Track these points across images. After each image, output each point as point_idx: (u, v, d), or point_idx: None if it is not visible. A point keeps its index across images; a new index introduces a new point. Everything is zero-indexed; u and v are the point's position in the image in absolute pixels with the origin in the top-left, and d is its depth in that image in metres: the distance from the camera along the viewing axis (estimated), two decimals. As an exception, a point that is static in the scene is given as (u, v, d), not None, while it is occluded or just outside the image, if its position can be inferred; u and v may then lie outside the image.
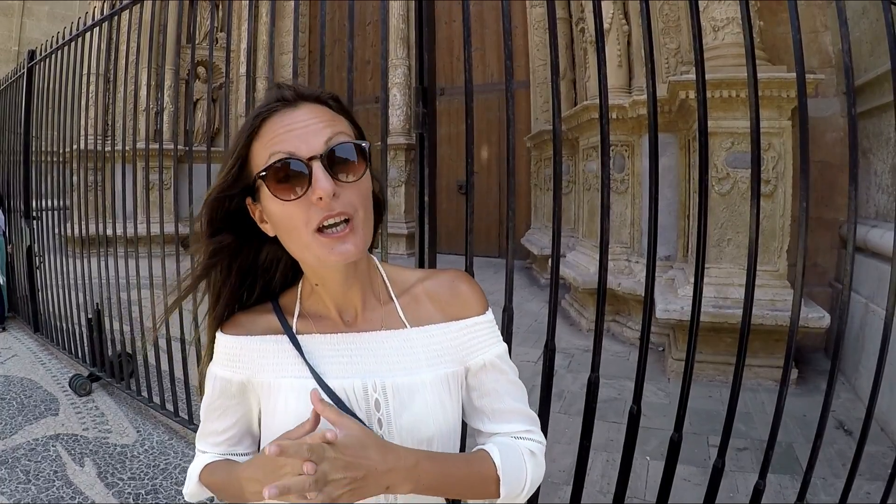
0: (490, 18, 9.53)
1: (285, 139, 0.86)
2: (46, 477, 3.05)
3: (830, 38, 5.16)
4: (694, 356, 1.83)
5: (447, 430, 0.97)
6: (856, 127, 1.73)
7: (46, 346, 5.32)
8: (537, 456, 1.03)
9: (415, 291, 1.03)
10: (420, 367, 0.97)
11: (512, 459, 0.97)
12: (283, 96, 0.90)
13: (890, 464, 1.99)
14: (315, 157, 0.85)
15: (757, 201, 1.71)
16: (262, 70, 11.08)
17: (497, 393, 1.02)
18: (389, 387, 0.94)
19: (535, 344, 5.09)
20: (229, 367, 0.99)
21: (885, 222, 4.22)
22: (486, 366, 1.01)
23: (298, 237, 0.88)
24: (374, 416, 0.94)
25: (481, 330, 1.02)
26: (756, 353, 4.15)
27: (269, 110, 0.89)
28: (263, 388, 0.97)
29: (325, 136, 0.87)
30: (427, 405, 0.95)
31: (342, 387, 0.94)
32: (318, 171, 0.84)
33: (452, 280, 1.05)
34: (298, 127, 0.87)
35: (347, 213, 0.86)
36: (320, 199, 0.83)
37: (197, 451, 1.10)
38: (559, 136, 1.91)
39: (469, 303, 1.03)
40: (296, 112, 0.89)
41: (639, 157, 5.53)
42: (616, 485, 1.98)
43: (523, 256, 8.61)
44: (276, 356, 0.97)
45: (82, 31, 4.18)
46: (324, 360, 0.96)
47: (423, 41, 2.01)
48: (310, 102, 0.91)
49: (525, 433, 1.03)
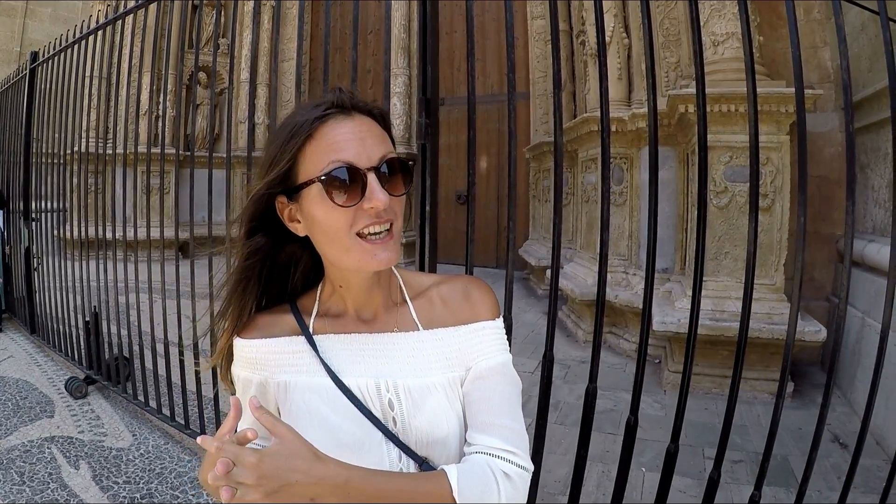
0: (491, 30, 9.58)
1: (345, 147, 0.90)
2: (41, 479, 3.04)
3: (829, 53, 5.20)
4: (691, 368, 1.83)
5: (459, 432, 0.98)
6: (853, 142, 1.75)
7: (43, 347, 5.30)
8: (514, 480, 0.93)
9: (429, 295, 1.05)
10: (431, 370, 0.98)
11: (475, 481, 0.90)
12: (340, 102, 0.93)
13: (885, 477, 2.00)
14: (372, 168, 0.89)
15: (755, 215, 1.73)
16: (263, 76, 11.13)
17: (487, 402, 0.98)
18: (402, 387, 0.96)
19: (532, 354, 5.09)
20: (247, 368, 1.02)
21: (882, 237, 4.24)
22: (484, 372, 0.99)
23: (340, 240, 0.91)
24: (389, 415, 0.96)
25: (488, 335, 1.02)
26: (752, 365, 4.16)
27: (327, 115, 0.92)
28: (280, 388, 0.99)
29: (382, 151, 0.92)
30: (439, 407, 0.96)
31: (357, 385, 0.96)
32: (374, 183, 0.89)
33: (466, 285, 1.06)
34: (357, 137, 0.91)
35: (391, 219, 0.91)
36: (372, 208, 0.88)
37: None
38: (560, 148, 1.93)
39: (480, 307, 1.04)
40: (351, 121, 0.93)
41: (637, 169, 5.55)
42: (612, 495, 1.98)
43: (521, 267, 8.62)
44: (293, 356, 0.99)
45: (85, 34, 4.20)
46: (339, 358, 0.98)
47: (426, 52, 2.03)
48: (362, 114, 0.95)
49: (504, 452, 0.94)
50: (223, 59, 9.82)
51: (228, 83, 4.68)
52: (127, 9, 3.67)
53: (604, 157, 1.88)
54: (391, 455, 0.95)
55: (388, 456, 0.95)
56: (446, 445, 0.96)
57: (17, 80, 5.76)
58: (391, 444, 0.95)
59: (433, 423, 0.95)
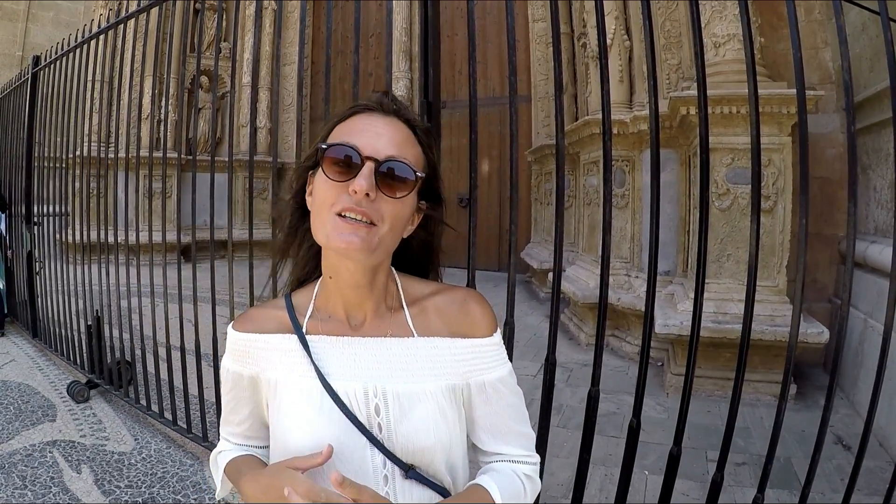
0: (492, 33, 9.59)
1: (358, 135, 0.94)
2: (43, 483, 3.04)
3: (830, 54, 5.20)
4: (694, 371, 1.83)
5: (448, 441, 0.98)
6: (855, 143, 1.74)
7: (45, 351, 5.30)
8: (533, 478, 1.06)
9: (425, 304, 1.04)
10: (423, 377, 0.98)
11: (511, 490, 1.01)
12: (382, 103, 0.98)
13: (888, 479, 1.99)
14: (372, 158, 0.91)
15: (757, 217, 1.72)
16: (265, 80, 11.14)
17: (497, 415, 1.04)
18: (390, 393, 0.96)
19: (535, 358, 5.09)
20: (239, 362, 1.03)
21: (884, 238, 4.24)
22: (487, 386, 1.02)
23: (321, 213, 0.92)
24: (374, 420, 0.96)
25: (487, 353, 1.04)
26: (755, 367, 4.14)
27: (364, 107, 0.98)
28: (270, 385, 1.00)
29: (392, 151, 0.93)
30: (428, 415, 0.96)
31: (344, 389, 0.96)
32: (365, 170, 0.90)
33: (464, 298, 1.06)
34: (375, 131, 0.94)
35: (371, 218, 0.90)
36: (355, 192, 0.88)
37: (220, 437, 1.15)
38: (562, 151, 1.92)
39: (478, 323, 1.04)
40: (382, 120, 0.97)
41: (639, 172, 5.55)
42: (615, 499, 1.97)
43: (523, 270, 8.61)
44: (285, 354, 1.00)
45: (87, 38, 4.21)
46: (330, 361, 0.99)
47: (427, 55, 2.03)
48: (400, 121, 0.98)
49: (523, 457, 1.06)
50: (225, 62, 9.83)
51: (230, 87, 4.69)
52: (128, 13, 3.68)
53: (606, 160, 1.87)
54: (375, 461, 0.95)
55: (372, 461, 0.95)
56: (433, 454, 0.97)
57: (19, 85, 5.77)
58: (375, 449, 0.95)
59: (419, 431, 0.95)
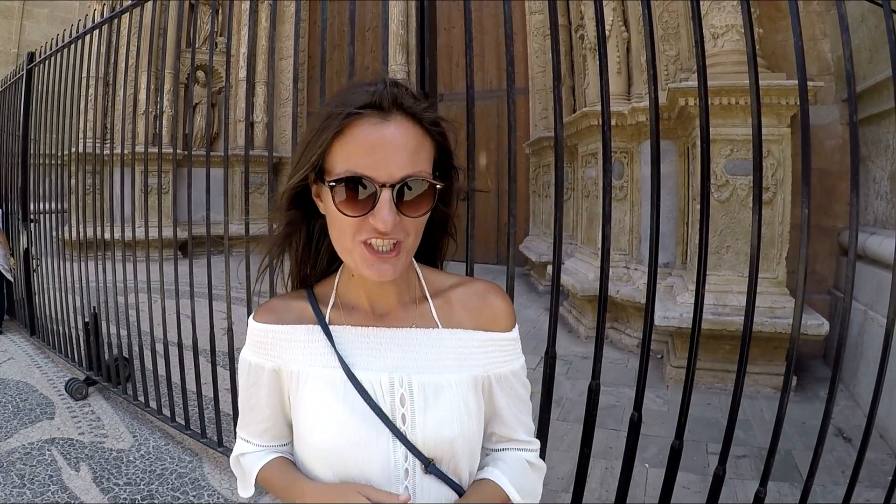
0: (489, 25, 9.56)
1: (365, 156, 0.84)
2: (41, 481, 3.03)
3: (829, 45, 5.17)
4: (695, 364, 1.82)
5: (470, 432, 0.98)
6: (857, 133, 1.73)
7: (43, 349, 5.29)
8: (537, 464, 1.09)
9: (448, 295, 1.03)
10: (448, 368, 0.97)
11: (523, 480, 1.05)
12: (379, 102, 0.86)
13: (890, 471, 1.99)
14: (389, 185, 0.83)
15: (759, 208, 1.71)
16: (261, 75, 11.10)
17: (509, 407, 1.05)
18: (416, 383, 0.95)
19: (534, 350, 5.05)
20: (260, 353, 1.00)
21: (883, 229, 4.23)
22: (502, 378, 1.02)
23: (344, 239, 0.88)
24: (399, 411, 0.94)
25: (506, 347, 1.03)
26: (755, 359, 4.14)
27: (360, 114, 0.85)
28: (293, 377, 0.98)
29: (407, 169, 0.85)
30: (452, 405, 0.95)
31: (368, 379, 0.95)
32: (384, 200, 0.83)
33: (486, 291, 1.05)
34: (383, 148, 0.84)
35: (398, 238, 0.86)
36: (380, 230, 0.84)
37: (238, 439, 1.10)
38: (561, 142, 1.91)
39: (498, 317, 1.03)
40: (386, 127, 0.85)
41: (638, 164, 5.53)
42: (616, 492, 1.97)
43: (521, 263, 8.61)
44: (307, 345, 0.98)
45: (82, 33, 4.17)
46: (354, 351, 0.97)
47: (424, 48, 2.01)
48: (404, 116, 0.87)
49: (528, 444, 1.09)
50: (220, 57, 9.78)
51: (226, 82, 4.65)
52: (123, 7, 3.65)
53: (605, 152, 1.86)
54: (397, 454, 0.94)
55: (394, 454, 0.94)
56: (454, 446, 0.96)
57: (14, 82, 5.74)
58: (397, 442, 0.94)
59: (444, 422, 0.94)
